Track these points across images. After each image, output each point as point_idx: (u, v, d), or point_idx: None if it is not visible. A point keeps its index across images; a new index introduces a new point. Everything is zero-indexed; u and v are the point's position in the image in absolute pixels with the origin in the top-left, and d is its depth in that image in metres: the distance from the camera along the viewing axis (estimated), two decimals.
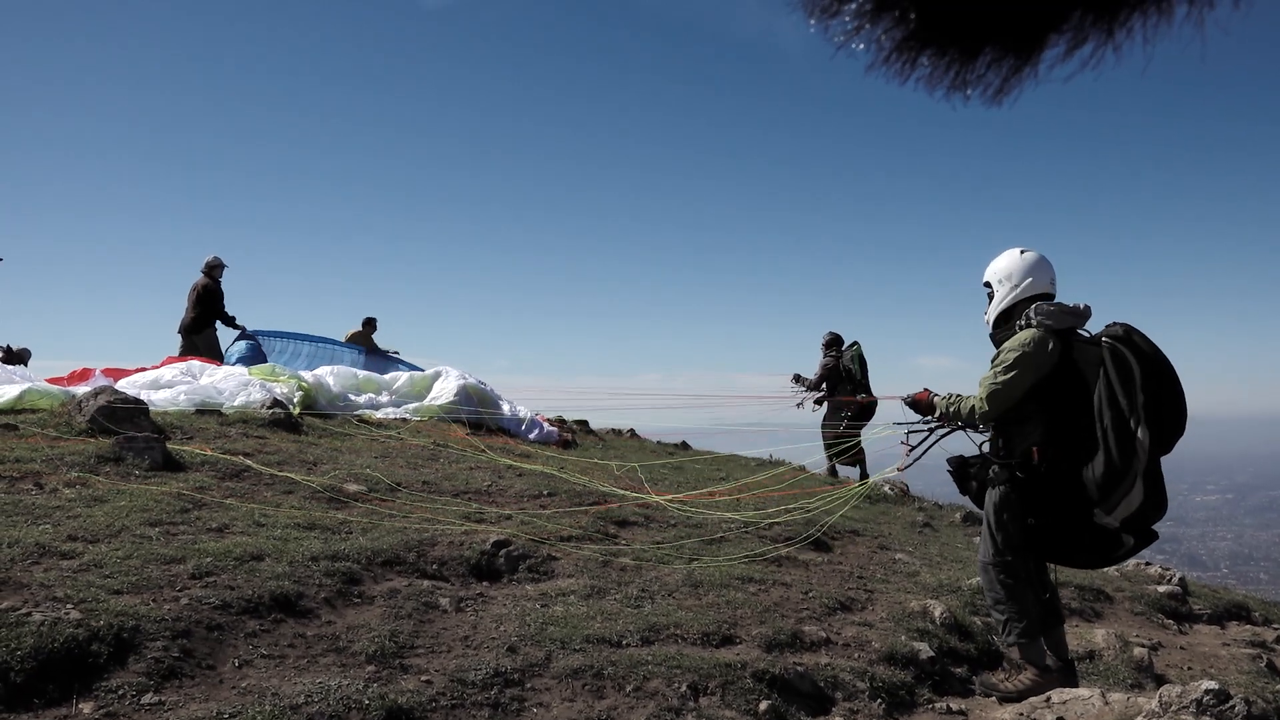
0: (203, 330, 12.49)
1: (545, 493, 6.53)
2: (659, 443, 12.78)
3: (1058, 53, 0.84)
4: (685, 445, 12.72)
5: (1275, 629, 6.55)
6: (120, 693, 2.80)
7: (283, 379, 9.52)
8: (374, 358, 13.17)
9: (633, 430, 13.58)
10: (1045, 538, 3.88)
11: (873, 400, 10.74)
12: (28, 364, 9.90)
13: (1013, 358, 3.80)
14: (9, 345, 10.21)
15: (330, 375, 10.23)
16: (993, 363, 3.93)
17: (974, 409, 3.96)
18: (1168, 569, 7.46)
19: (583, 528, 5.62)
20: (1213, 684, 3.21)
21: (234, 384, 8.90)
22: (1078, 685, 4.02)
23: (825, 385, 11.28)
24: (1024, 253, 4.04)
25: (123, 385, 8.52)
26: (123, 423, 6.15)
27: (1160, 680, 4.63)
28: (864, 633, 4.42)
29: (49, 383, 8.01)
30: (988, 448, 4.15)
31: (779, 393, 10.82)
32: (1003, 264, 4.07)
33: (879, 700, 3.74)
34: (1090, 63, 0.83)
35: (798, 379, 11.35)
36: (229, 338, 12.83)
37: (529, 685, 3.31)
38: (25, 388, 7.21)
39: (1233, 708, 3.11)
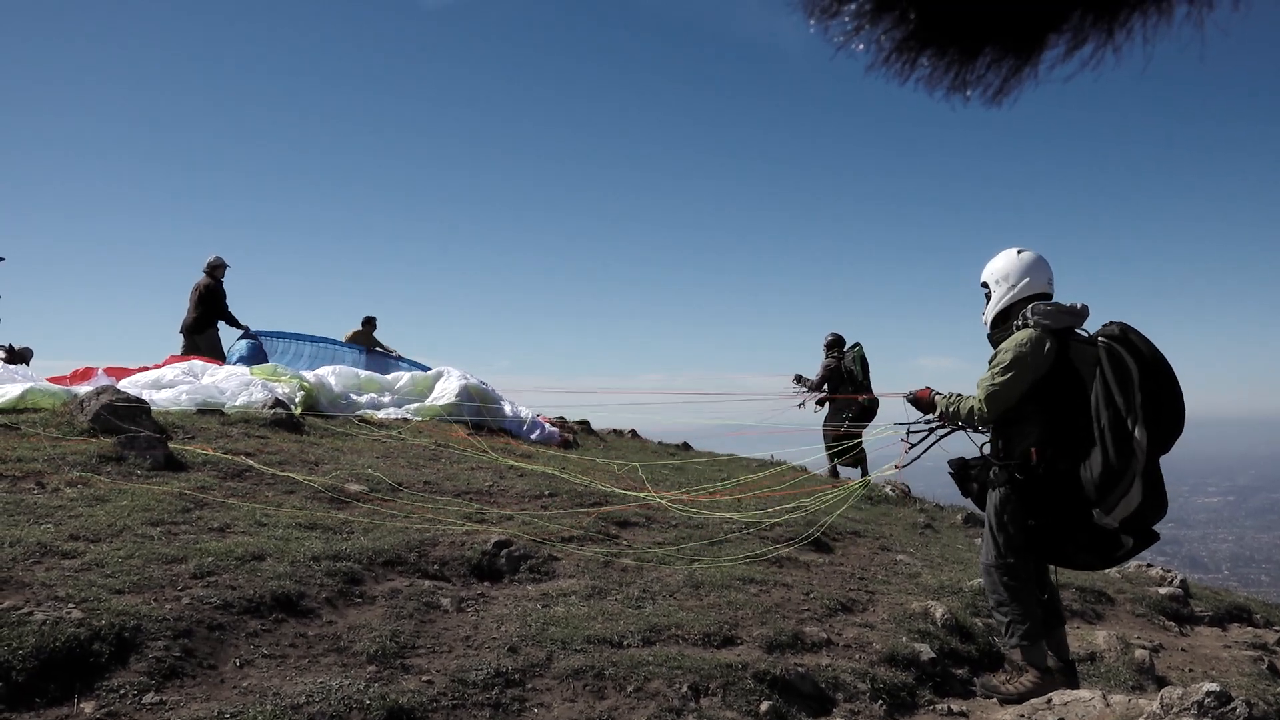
0: (204, 330, 12.51)
1: (547, 493, 6.53)
2: (660, 443, 12.79)
3: (1058, 53, 0.85)
4: (686, 446, 12.73)
5: (1276, 631, 6.55)
6: (121, 692, 2.80)
7: (284, 379, 9.52)
8: (375, 357, 13.19)
9: (634, 431, 13.60)
10: (1045, 539, 3.88)
11: (874, 401, 10.73)
12: (30, 363, 9.91)
13: (1009, 359, 3.79)
14: (11, 345, 10.23)
15: (332, 375, 10.24)
16: (990, 363, 3.92)
17: (973, 410, 3.96)
18: (1169, 571, 7.45)
19: (584, 528, 5.62)
20: (1214, 686, 3.20)
21: (236, 384, 8.91)
22: (1079, 686, 4.02)
23: (827, 386, 11.28)
24: (1021, 252, 4.03)
25: (124, 385, 8.53)
26: (124, 422, 6.16)
27: (1161, 682, 4.63)
28: (865, 634, 4.42)
29: (51, 382, 8.02)
30: (988, 449, 4.14)
31: (781, 393, 10.82)
32: (1000, 264, 4.06)
33: (880, 701, 3.74)
34: (1090, 63, 0.83)
35: (799, 380, 11.36)
36: (231, 337, 12.85)
37: (530, 685, 3.31)
38: (27, 387, 7.22)
39: (1234, 710, 3.11)
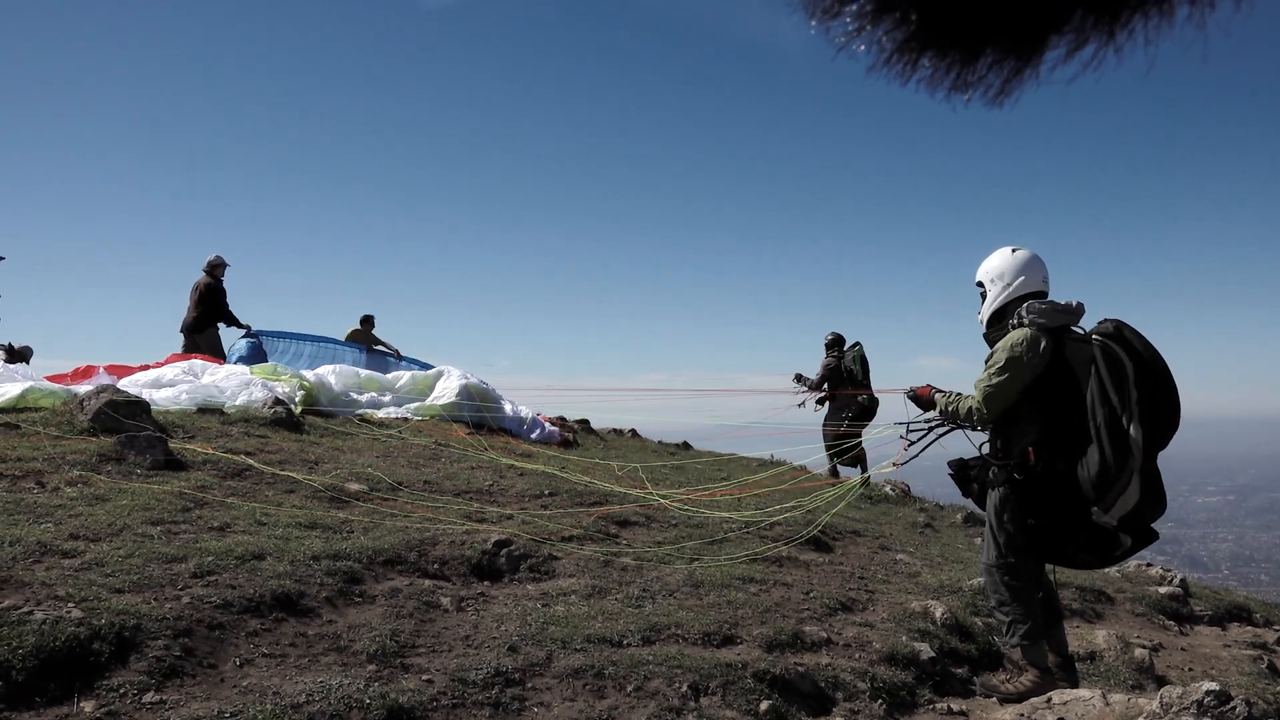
0: (205, 329, 12.50)
1: (546, 492, 6.53)
2: (660, 442, 12.80)
3: (1059, 54, 0.84)
4: (686, 445, 12.74)
5: (1276, 630, 6.55)
6: (121, 691, 2.80)
7: (284, 378, 9.52)
8: (375, 356, 13.18)
9: (634, 430, 13.60)
10: (1045, 538, 3.88)
11: (874, 400, 10.74)
12: (29, 362, 9.90)
13: (1005, 358, 3.79)
14: (11, 343, 10.21)
15: (332, 374, 10.24)
16: (986, 363, 3.91)
17: (972, 410, 3.95)
18: (1169, 570, 7.46)
19: (584, 528, 5.62)
20: (1214, 685, 3.21)
21: (236, 383, 8.91)
22: (1078, 683, 4.02)
23: (827, 385, 11.28)
24: (1015, 251, 4.02)
25: (124, 384, 8.54)
26: (125, 421, 6.16)
27: (1161, 681, 4.63)
28: (865, 633, 4.42)
29: (51, 381, 8.02)
30: (987, 449, 4.14)
31: (780, 392, 10.83)
32: (994, 263, 4.05)
33: (880, 701, 3.74)
34: (1092, 64, 0.83)
35: (799, 379, 11.36)
36: (231, 337, 12.84)
37: (530, 685, 3.31)
38: (27, 386, 7.22)
39: (1233, 709, 3.11)
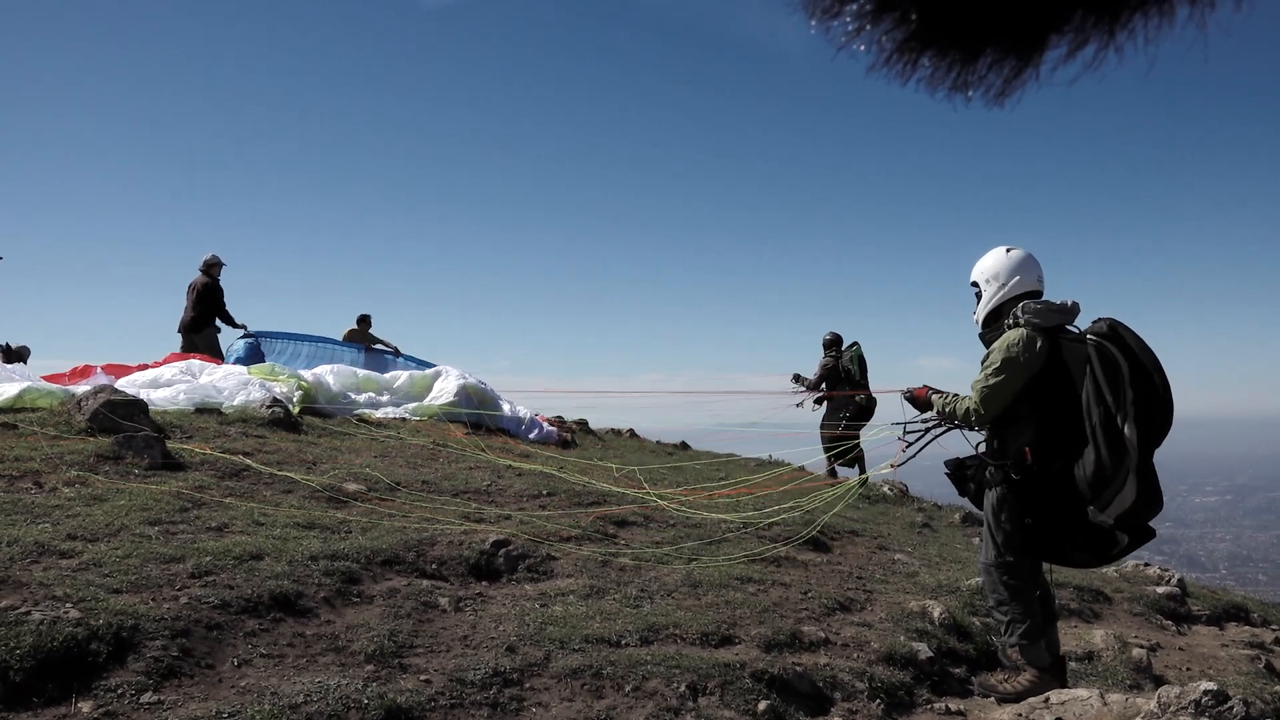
0: (203, 329, 12.47)
1: (545, 493, 6.53)
2: (658, 443, 12.80)
3: (1060, 54, 0.84)
4: (685, 445, 12.74)
5: (1273, 630, 6.56)
6: (119, 692, 2.80)
7: (282, 378, 9.51)
8: (374, 355, 13.15)
9: (632, 430, 13.60)
10: (1042, 537, 3.88)
11: (872, 400, 10.74)
12: (27, 362, 9.89)
13: (1001, 359, 3.79)
14: (8, 343, 10.20)
15: (330, 374, 10.23)
16: (982, 364, 3.92)
17: (969, 411, 3.96)
18: (1166, 570, 7.47)
19: (582, 528, 5.62)
20: (1211, 685, 3.21)
21: (233, 383, 8.89)
22: (1068, 682, 4.03)
23: (825, 385, 11.29)
24: (1010, 251, 4.02)
25: (122, 384, 8.52)
26: (122, 421, 6.15)
27: (1159, 681, 4.64)
28: (863, 633, 4.42)
29: (49, 380, 8.01)
30: (984, 448, 4.15)
31: (779, 392, 10.83)
32: (989, 263, 4.05)
33: (878, 700, 3.74)
34: (1092, 64, 0.83)
35: (798, 379, 11.37)
36: (230, 337, 12.83)
37: (528, 685, 3.31)
38: (25, 386, 7.21)
39: (1231, 709, 3.11)
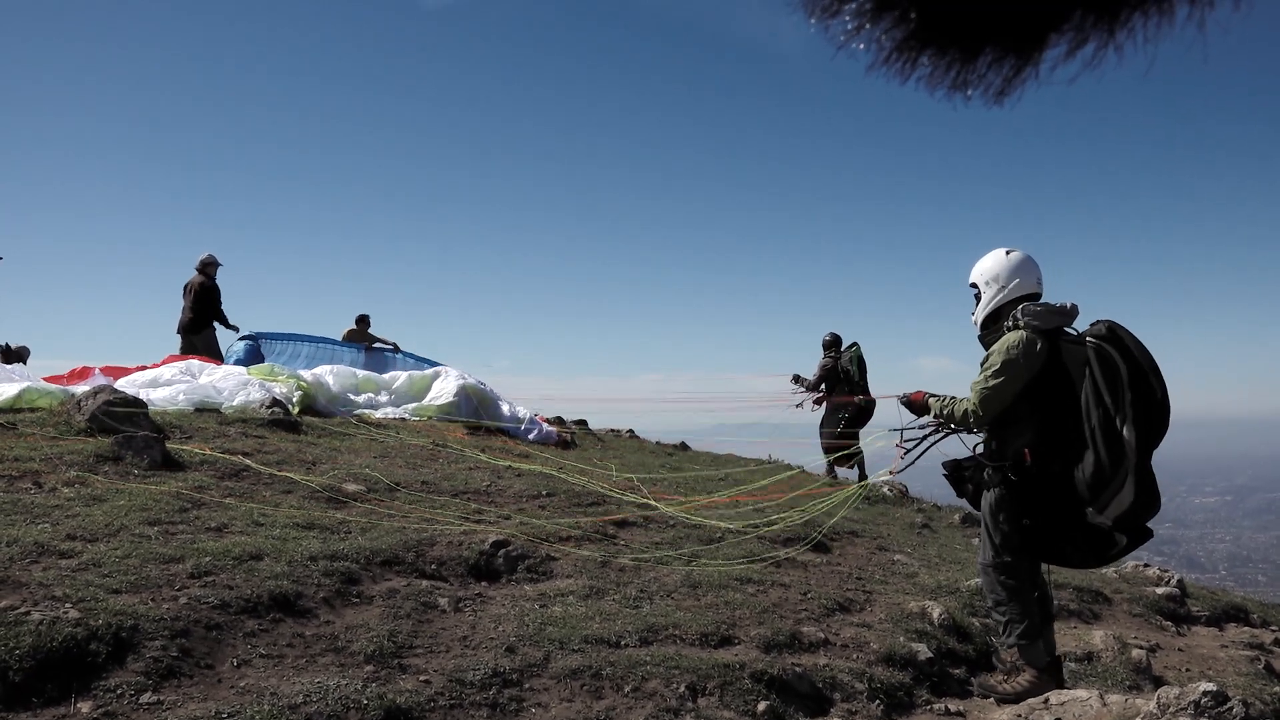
0: (202, 330, 12.46)
1: (544, 493, 6.53)
2: (658, 443, 12.80)
3: (1059, 53, 0.84)
4: (684, 446, 12.74)
5: (1273, 631, 6.56)
6: (119, 692, 2.79)
7: (282, 378, 9.51)
8: (374, 354, 13.12)
9: (631, 431, 13.60)
10: (1040, 538, 3.89)
11: (871, 401, 10.75)
12: (26, 362, 9.88)
13: (1001, 361, 3.80)
14: (8, 344, 10.19)
15: (330, 375, 10.23)
16: (982, 366, 3.93)
17: (967, 413, 3.96)
18: (1166, 571, 7.46)
19: (581, 528, 5.62)
20: (1210, 686, 3.21)
21: (233, 383, 8.89)
22: (1064, 681, 4.04)
23: (824, 386, 11.29)
24: (1009, 253, 4.03)
25: (121, 384, 8.52)
26: (122, 422, 6.15)
27: (1158, 682, 4.64)
28: (862, 634, 4.42)
29: (48, 381, 8.00)
30: (981, 449, 4.15)
31: (778, 393, 10.86)
32: (989, 265, 4.06)
33: (877, 701, 3.74)
34: (1092, 63, 0.83)
35: (797, 379, 11.38)
36: (229, 337, 12.82)
37: (527, 685, 3.31)
38: (24, 386, 7.20)
39: (1230, 709, 3.11)
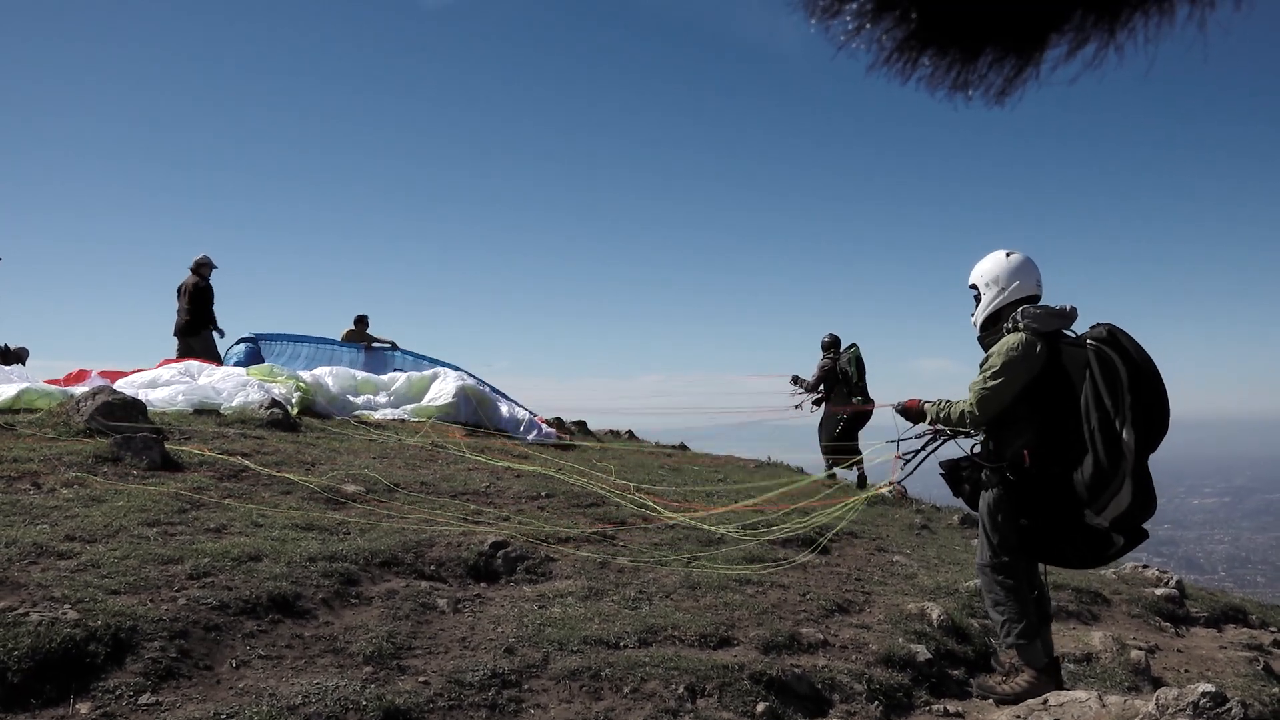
0: (199, 332, 12.42)
1: (543, 494, 6.53)
2: (657, 444, 12.80)
3: (1060, 53, 0.84)
4: (683, 447, 12.74)
5: (1272, 632, 6.56)
6: (117, 693, 2.79)
7: (281, 379, 9.51)
8: (374, 354, 13.10)
9: (631, 432, 13.60)
10: (1037, 538, 3.90)
11: (869, 403, 10.78)
12: (25, 364, 9.86)
13: (1000, 363, 3.82)
14: (6, 345, 10.16)
15: (329, 376, 10.22)
16: (981, 367, 3.94)
17: (964, 414, 3.97)
18: (1165, 572, 7.46)
19: (580, 529, 5.62)
20: (1209, 687, 3.21)
21: (232, 384, 8.89)
22: (1063, 682, 4.04)
23: (823, 387, 11.31)
24: (1010, 255, 4.04)
25: (120, 385, 8.51)
26: (121, 423, 6.14)
27: (1157, 683, 4.64)
28: (861, 635, 4.42)
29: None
30: (978, 449, 4.16)
31: (777, 393, 10.90)
32: (988, 267, 4.07)
33: (876, 702, 3.74)
34: (1093, 63, 0.83)
35: (796, 380, 11.39)
36: (229, 339, 12.79)
37: (526, 686, 3.30)
38: (23, 387, 7.20)
39: (1229, 710, 3.11)
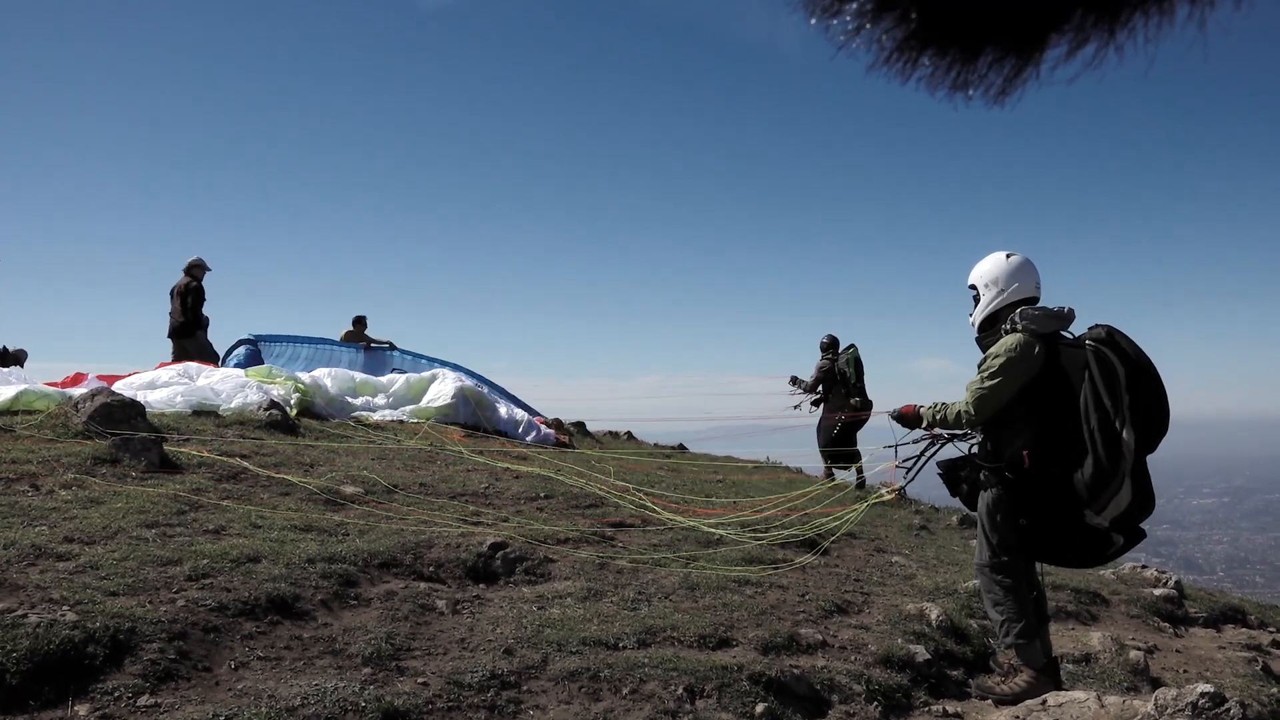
0: (193, 333, 12.38)
1: (542, 495, 6.52)
2: (656, 445, 12.80)
3: (1060, 53, 0.84)
4: (682, 447, 12.75)
5: (1270, 632, 6.56)
6: (116, 695, 2.79)
7: (280, 380, 9.50)
8: (373, 355, 13.10)
9: (630, 433, 13.60)
10: (1037, 538, 3.91)
11: (868, 403, 10.80)
12: (24, 366, 9.84)
13: (998, 364, 3.83)
14: (5, 346, 10.14)
15: (328, 377, 10.22)
16: (979, 368, 3.95)
17: (961, 414, 3.98)
18: (1164, 572, 7.47)
19: (579, 530, 5.62)
20: (1208, 687, 3.21)
21: (231, 385, 8.88)
22: (1062, 682, 4.04)
23: (821, 387, 11.33)
24: (1009, 256, 4.05)
25: (119, 387, 8.50)
26: (119, 424, 6.13)
27: (1156, 683, 4.64)
28: (860, 635, 4.42)
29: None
30: (976, 449, 4.17)
31: (776, 394, 10.93)
32: (988, 268, 4.08)
33: (875, 703, 3.74)
34: (1093, 63, 0.83)
35: (795, 381, 11.40)
36: (225, 340, 12.77)
37: (525, 688, 3.30)
38: (22, 389, 7.19)
39: (1228, 711, 3.11)
